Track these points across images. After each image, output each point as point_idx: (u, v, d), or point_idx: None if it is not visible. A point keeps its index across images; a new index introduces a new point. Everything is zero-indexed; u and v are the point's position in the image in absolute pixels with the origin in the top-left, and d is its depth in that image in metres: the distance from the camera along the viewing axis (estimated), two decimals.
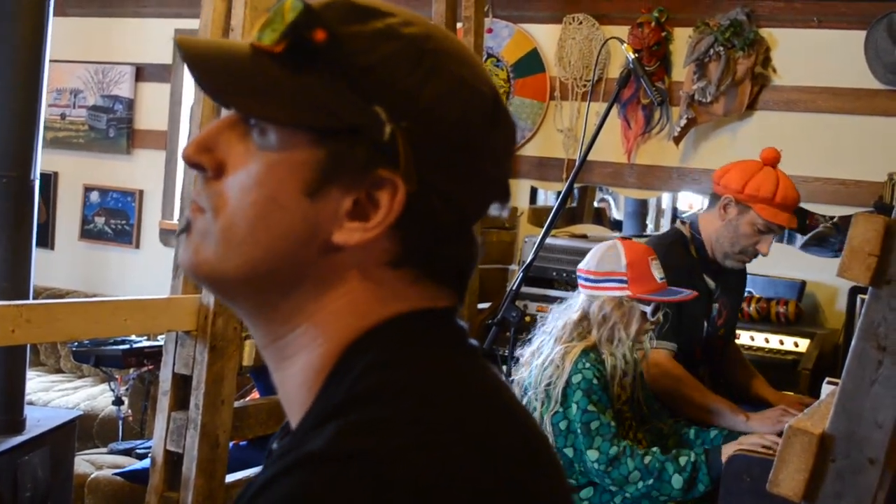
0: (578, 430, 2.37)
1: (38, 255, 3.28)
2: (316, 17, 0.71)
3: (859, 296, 3.33)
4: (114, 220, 5.43)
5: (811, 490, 1.35)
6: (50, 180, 5.46)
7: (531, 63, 4.55)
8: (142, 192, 5.36)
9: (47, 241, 5.47)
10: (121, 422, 4.02)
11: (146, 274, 5.20)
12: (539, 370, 2.45)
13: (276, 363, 0.77)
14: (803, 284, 3.95)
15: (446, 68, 0.73)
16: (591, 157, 3.55)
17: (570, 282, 3.94)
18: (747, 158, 2.95)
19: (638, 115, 4.29)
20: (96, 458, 3.76)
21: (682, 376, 2.73)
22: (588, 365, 2.40)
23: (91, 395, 4.72)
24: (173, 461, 2.65)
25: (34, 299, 3.15)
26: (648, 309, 2.46)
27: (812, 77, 4.01)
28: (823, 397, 2.19)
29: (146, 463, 2.94)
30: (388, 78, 0.71)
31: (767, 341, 3.71)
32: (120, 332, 3.13)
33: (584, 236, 4.15)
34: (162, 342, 2.84)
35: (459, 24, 3.86)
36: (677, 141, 4.20)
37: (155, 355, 3.61)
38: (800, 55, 4.03)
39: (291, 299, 0.74)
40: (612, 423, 2.37)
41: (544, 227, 3.00)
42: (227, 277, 0.74)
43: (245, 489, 0.67)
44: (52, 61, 3.20)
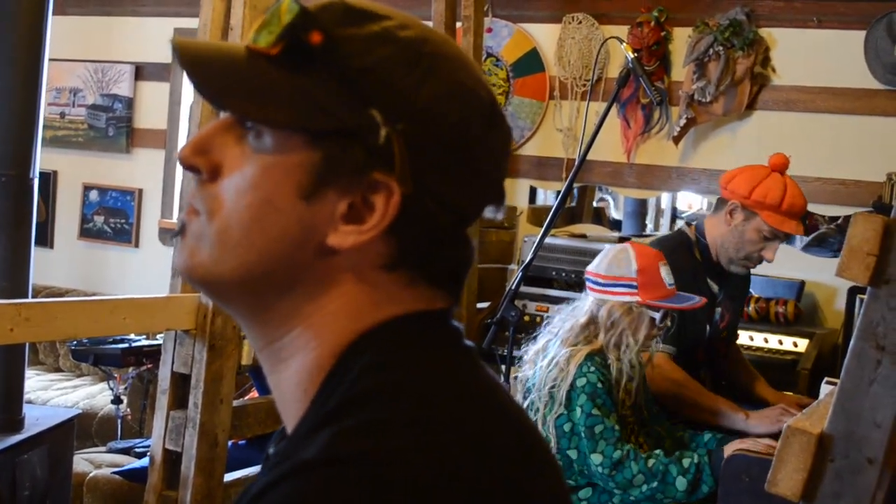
0: (582, 434, 2.36)
1: (38, 254, 3.27)
2: (312, 19, 0.70)
3: (858, 296, 3.33)
4: (113, 218, 5.43)
5: (810, 490, 1.35)
6: (49, 179, 5.46)
7: (530, 62, 4.55)
8: (141, 191, 5.36)
9: (46, 239, 5.47)
10: (119, 420, 4.02)
11: (145, 273, 5.20)
12: (544, 372, 2.44)
13: (272, 366, 0.76)
14: (802, 284, 3.95)
15: (442, 71, 0.73)
16: (590, 157, 3.55)
17: (569, 281, 3.94)
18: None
19: (637, 114, 4.29)
20: (95, 456, 3.76)
21: (681, 379, 2.73)
22: (593, 369, 2.39)
23: (90, 394, 4.72)
24: (172, 460, 2.65)
25: (33, 298, 3.15)
26: (657, 315, 2.44)
27: (811, 77, 4.01)
28: (822, 397, 2.20)
29: (145, 462, 2.93)
30: (384, 81, 0.71)
31: (766, 341, 3.71)
32: (119, 330, 3.13)
33: (583, 236, 4.15)
34: (161, 341, 2.84)
35: (459, 24, 3.85)
36: (677, 140, 4.20)
37: (154, 354, 3.61)
38: (799, 55, 4.03)
39: (286, 302, 0.74)
40: (616, 427, 2.36)
41: (543, 226, 3.00)
42: (223, 280, 0.74)
43: (242, 494, 0.66)
44: (51, 60, 3.20)
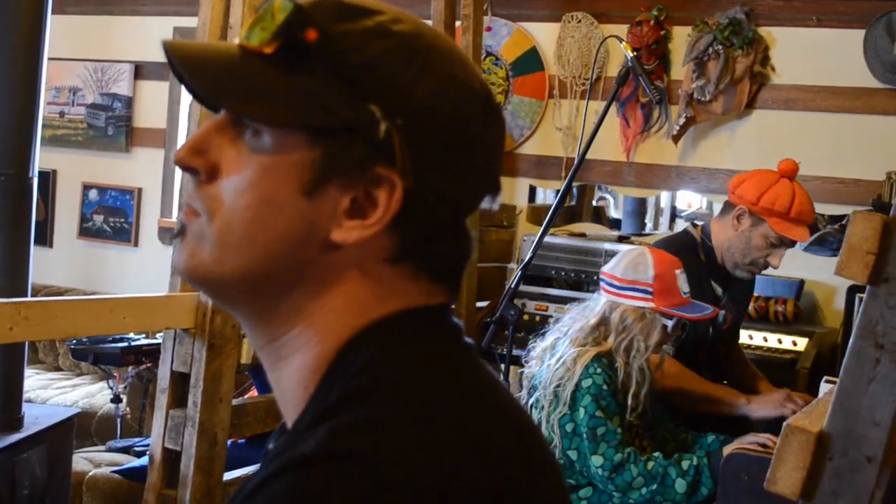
0: (584, 435, 2.36)
1: (37, 253, 3.28)
2: (307, 16, 0.70)
3: (857, 294, 3.33)
4: (112, 218, 5.43)
5: (809, 488, 1.35)
6: (48, 178, 5.46)
7: (530, 61, 4.55)
8: (140, 190, 5.36)
9: (46, 238, 5.47)
10: (119, 419, 4.02)
11: (144, 272, 5.20)
12: (550, 370, 2.43)
13: (272, 364, 0.76)
14: (802, 283, 3.95)
15: (438, 65, 0.73)
16: (589, 156, 3.55)
17: (568, 280, 3.94)
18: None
19: (637, 113, 4.29)
20: (94, 455, 3.76)
21: (679, 372, 2.72)
22: (599, 370, 2.37)
23: (89, 393, 4.72)
24: (171, 459, 2.65)
25: (32, 297, 3.15)
26: (670, 323, 2.43)
27: (811, 76, 4.01)
28: (821, 396, 2.20)
29: (144, 460, 2.93)
30: (381, 76, 0.71)
31: (766, 340, 3.71)
32: (118, 329, 3.13)
33: (582, 235, 4.15)
34: (160, 340, 2.84)
35: (458, 23, 3.85)
36: (676, 139, 4.20)
37: (153, 353, 3.61)
38: (799, 54, 4.03)
39: (289, 300, 0.74)
40: (619, 429, 2.35)
41: (543, 225, 3.00)
42: (225, 280, 0.74)
43: (239, 489, 0.66)
44: (50, 59, 3.20)
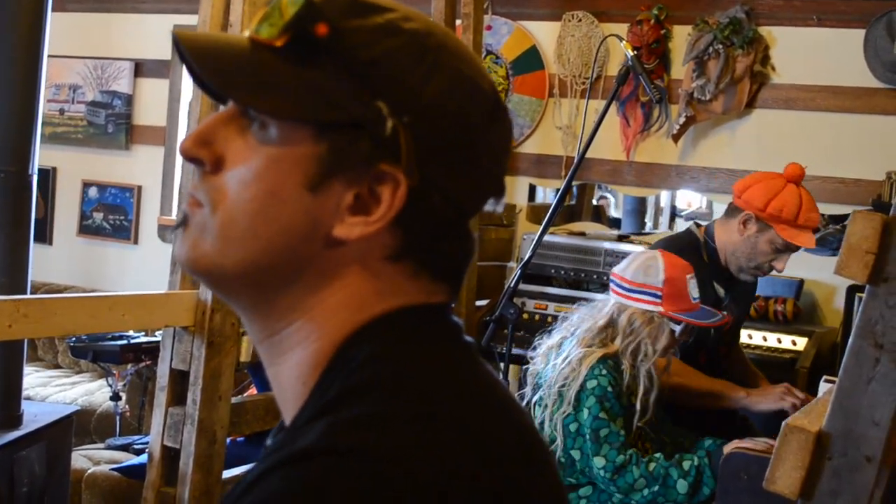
0: (587, 436, 2.35)
1: (36, 251, 3.28)
2: (318, 11, 0.70)
3: (857, 294, 3.33)
4: (112, 215, 5.43)
5: (808, 488, 1.35)
6: (48, 176, 5.46)
7: (530, 60, 4.55)
8: (140, 187, 5.36)
9: (45, 236, 5.47)
10: (118, 417, 4.02)
11: (144, 269, 5.20)
12: (556, 369, 2.42)
13: (272, 359, 0.76)
14: (801, 283, 3.95)
15: (448, 64, 0.73)
16: (589, 155, 3.55)
17: (568, 279, 3.94)
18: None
19: (637, 112, 4.29)
20: (93, 453, 3.76)
21: (678, 368, 2.72)
22: (605, 372, 2.37)
23: (89, 391, 4.72)
24: (170, 456, 2.65)
25: (32, 294, 3.15)
26: (678, 328, 2.42)
27: (811, 75, 4.01)
28: (821, 395, 2.20)
29: (143, 458, 2.94)
30: (391, 73, 0.71)
31: (765, 339, 3.71)
32: (118, 327, 3.12)
33: (582, 234, 4.15)
34: (159, 338, 2.84)
35: (459, 21, 3.85)
36: (676, 139, 4.20)
37: (153, 351, 3.61)
38: (799, 53, 4.03)
39: (289, 294, 0.74)
40: (622, 431, 2.35)
41: (542, 224, 3.00)
42: (226, 272, 0.73)
43: (237, 484, 0.66)
44: (50, 56, 3.20)
